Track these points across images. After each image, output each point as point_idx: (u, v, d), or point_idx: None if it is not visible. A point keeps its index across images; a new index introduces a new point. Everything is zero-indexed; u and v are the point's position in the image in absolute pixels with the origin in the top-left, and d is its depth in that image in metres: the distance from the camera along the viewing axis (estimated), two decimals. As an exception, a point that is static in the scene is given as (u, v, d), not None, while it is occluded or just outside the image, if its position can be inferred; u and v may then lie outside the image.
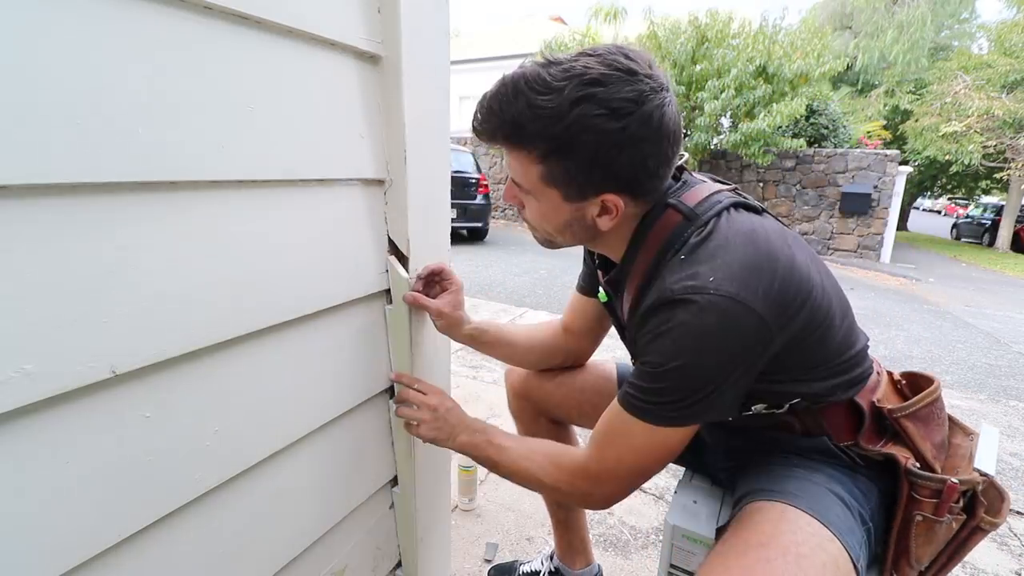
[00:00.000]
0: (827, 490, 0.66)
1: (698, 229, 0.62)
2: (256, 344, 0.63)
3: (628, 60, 0.56)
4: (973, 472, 0.66)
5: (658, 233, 0.65)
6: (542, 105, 0.55)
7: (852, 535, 0.62)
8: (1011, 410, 2.63)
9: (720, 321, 0.55)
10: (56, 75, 0.41)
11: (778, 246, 0.60)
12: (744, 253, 0.58)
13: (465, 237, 7.86)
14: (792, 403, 0.68)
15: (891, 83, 14.45)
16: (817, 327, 0.62)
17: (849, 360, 0.68)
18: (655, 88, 0.56)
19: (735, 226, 0.61)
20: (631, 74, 0.55)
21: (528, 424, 1.08)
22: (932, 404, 0.70)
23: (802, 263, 0.60)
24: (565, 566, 1.16)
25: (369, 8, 0.71)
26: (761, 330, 0.56)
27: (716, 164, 9.06)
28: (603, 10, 12.34)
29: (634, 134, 0.56)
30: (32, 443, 0.43)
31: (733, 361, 0.58)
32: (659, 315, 0.59)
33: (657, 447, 0.64)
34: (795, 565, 0.56)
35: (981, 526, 0.65)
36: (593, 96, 0.54)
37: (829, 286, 0.65)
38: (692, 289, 0.56)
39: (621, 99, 0.55)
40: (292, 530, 0.74)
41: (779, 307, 0.57)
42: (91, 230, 0.45)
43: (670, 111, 0.58)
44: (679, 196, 0.66)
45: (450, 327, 0.88)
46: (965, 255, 11.39)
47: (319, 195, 0.70)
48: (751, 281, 0.56)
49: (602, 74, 0.55)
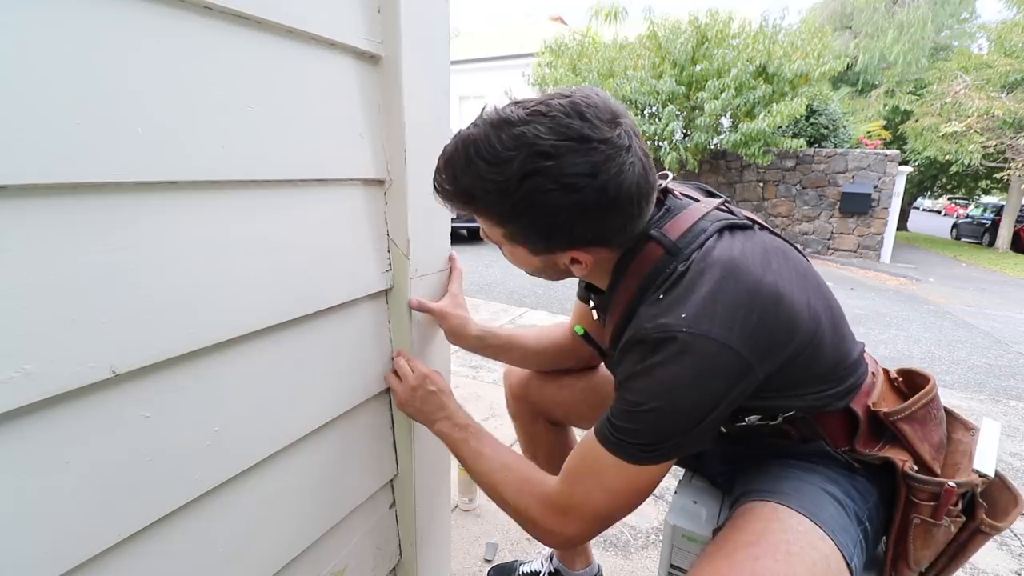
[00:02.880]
0: (821, 489, 0.66)
1: (680, 263, 0.59)
2: (256, 344, 0.63)
3: (582, 122, 0.52)
4: (972, 473, 0.65)
5: (638, 268, 0.63)
6: (491, 179, 0.54)
7: (845, 533, 0.61)
8: (1011, 410, 2.63)
9: (694, 362, 0.54)
10: (56, 75, 0.41)
11: (759, 275, 0.56)
12: (721, 288, 0.55)
13: (465, 237, 7.85)
14: (787, 415, 0.68)
15: (891, 83, 14.43)
16: (804, 350, 0.59)
17: (841, 373, 0.66)
18: (611, 155, 0.53)
19: (715, 257, 0.58)
20: (584, 142, 0.52)
21: (526, 425, 1.08)
22: (929, 404, 0.69)
23: (787, 289, 0.57)
24: (565, 567, 1.16)
25: (369, 8, 0.71)
26: (739, 367, 0.55)
27: (716, 164, 9.05)
28: (603, 10, 12.33)
29: (590, 206, 0.54)
30: (32, 443, 0.43)
31: (711, 400, 0.56)
32: (634, 354, 0.58)
33: (628, 485, 0.61)
34: (784, 563, 0.56)
35: (982, 528, 0.64)
36: (542, 170, 0.52)
37: (818, 304, 0.62)
38: (664, 328, 0.55)
39: (572, 174, 0.52)
40: (292, 530, 0.74)
41: (759, 341, 0.55)
42: (91, 230, 0.45)
43: (630, 174, 0.54)
44: (661, 227, 0.63)
45: (457, 331, 0.87)
46: (965, 255, 11.39)
47: (319, 195, 0.70)
48: (727, 317, 0.54)
49: (552, 145, 0.51)
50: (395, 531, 0.98)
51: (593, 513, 0.63)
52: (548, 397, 1.02)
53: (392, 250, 0.83)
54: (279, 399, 0.67)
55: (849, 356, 0.67)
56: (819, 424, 0.68)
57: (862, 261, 8.37)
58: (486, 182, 0.55)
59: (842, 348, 0.66)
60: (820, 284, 0.66)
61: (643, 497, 0.63)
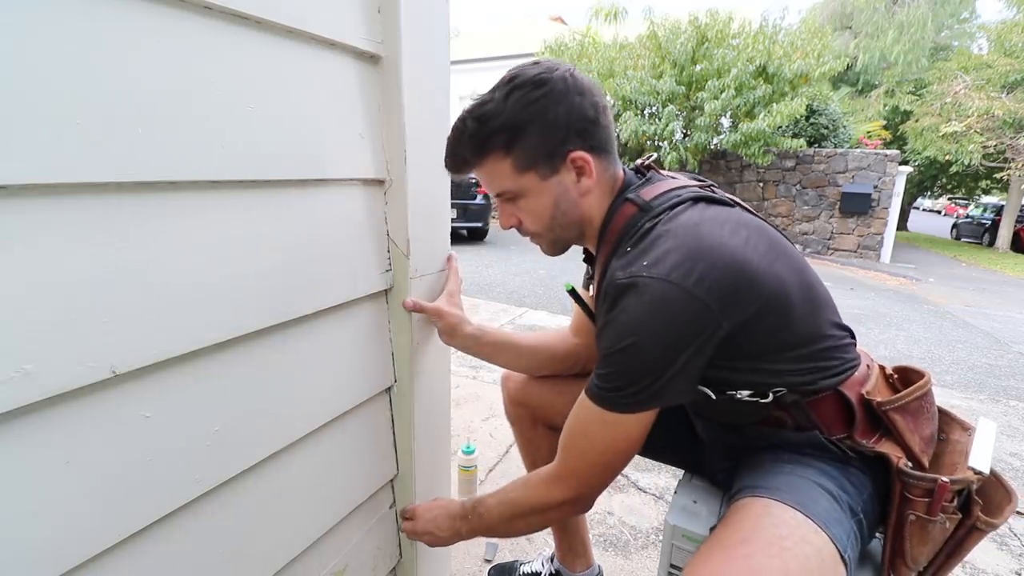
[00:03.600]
0: (813, 483, 0.66)
1: (649, 219, 0.66)
2: (256, 344, 0.63)
3: (528, 65, 0.69)
4: (968, 471, 0.66)
5: (615, 225, 0.71)
6: (485, 112, 0.67)
7: (839, 526, 0.62)
8: (1011, 410, 2.63)
9: (653, 303, 0.58)
10: (56, 75, 0.41)
11: (723, 237, 0.61)
12: (683, 241, 0.60)
13: (465, 237, 7.86)
14: (777, 393, 0.68)
15: (891, 83, 14.43)
16: (772, 310, 0.62)
17: (823, 349, 0.67)
18: (555, 65, 0.68)
19: (682, 218, 0.64)
20: (534, 64, 0.69)
21: (525, 430, 1.07)
22: (922, 398, 0.70)
23: (751, 253, 0.61)
24: (565, 568, 1.16)
25: (369, 8, 0.71)
26: (699, 312, 0.58)
27: (716, 164, 9.06)
28: (603, 10, 12.33)
29: (559, 91, 0.66)
30: (32, 443, 0.43)
31: (673, 344, 0.59)
32: (605, 303, 0.63)
33: (618, 437, 0.66)
34: (778, 558, 0.56)
35: (977, 526, 0.64)
36: (517, 84, 0.66)
37: (786, 274, 0.64)
38: (630, 275, 0.60)
39: (536, 75, 0.66)
40: (292, 530, 0.74)
41: (719, 290, 0.58)
42: (91, 230, 0.45)
43: (575, 73, 0.68)
44: (638, 191, 0.70)
45: (451, 330, 0.88)
46: (965, 255, 11.39)
47: (319, 195, 0.70)
48: (687, 266, 0.58)
49: (514, 72, 0.68)
50: (395, 531, 0.98)
51: (590, 470, 0.69)
52: (548, 402, 1.01)
53: (392, 250, 0.83)
54: (279, 399, 0.67)
55: (830, 336, 0.69)
56: (812, 410, 0.69)
57: (862, 261, 8.37)
58: (482, 117, 0.67)
59: (819, 326, 0.68)
60: (796, 261, 0.67)
61: (633, 449, 0.68)
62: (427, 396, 0.94)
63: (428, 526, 0.86)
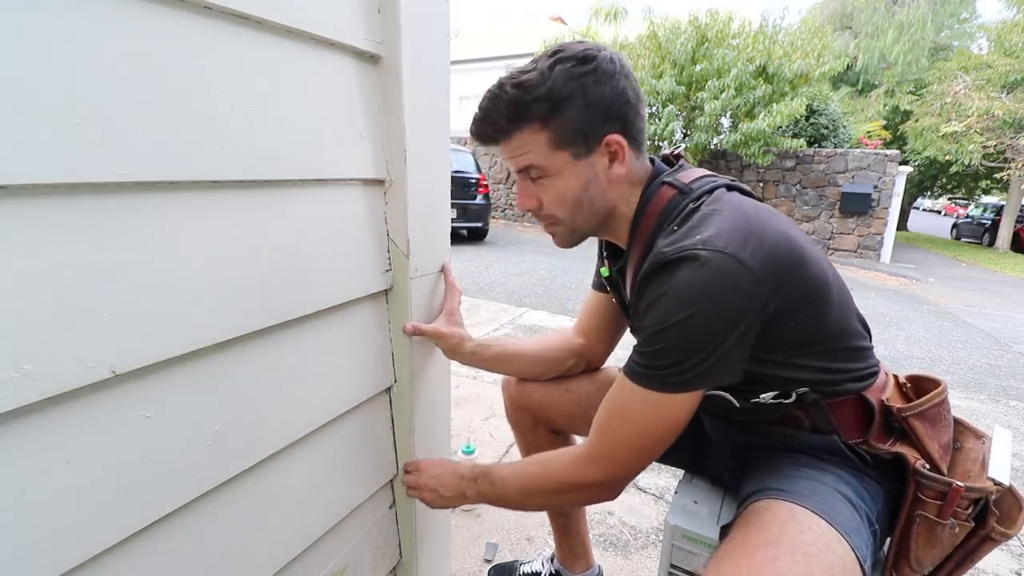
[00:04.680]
0: (835, 491, 0.66)
1: (691, 201, 0.66)
2: (256, 344, 0.63)
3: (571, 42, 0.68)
4: (987, 481, 0.65)
5: (654, 208, 0.70)
6: (527, 80, 0.65)
7: (859, 536, 0.62)
8: (1011, 410, 2.63)
9: (712, 274, 0.57)
10: (56, 75, 0.41)
11: (769, 219, 0.62)
12: (734, 218, 0.60)
13: (465, 237, 7.85)
14: (800, 393, 0.68)
15: (891, 83, 14.43)
16: (813, 298, 0.63)
17: (851, 348, 0.68)
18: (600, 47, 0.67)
19: (727, 198, 0.65)
20: (579, 42, 0.68)
21: (526, 433, 1.07)
22: (939, 405, 0.70)
23: (796, 236, 0.63)
24: (565, 569, 1.16)
25: (369, 8, 0.71)
26: (754, 285, 0.57)
27: (716, 164, 9.05)
28: (603, 10, 12.33)
29: (605, 70, 0.65)
30: (32, 443, 0.43)
31: (730, 316, 0.58)
32: (654, 280, 0.61)
33: (661, 418, 0.63)
34: (803, 564, 0.55)
35: (992, 536, 0.64)
36: (562, 58, 0.65)
37: (827, 265, 0.67)
38: (683, 249, 0.59)
39: (583, 50, 0.65)
40: (292, 530, 0.74)
41: (771, 266, 0.58)
42: (91, 230, 0.45)
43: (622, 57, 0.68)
44: (675, 175, 0.71)
45: (453, 349, 0.89)
46: (965, 255, 11.38)
47: (319, 195, 0.70)
48: (740, 240, 0.58)
49: (560, 46, 0.67)
50: (395, 531, 0.98)
51: (629, 454, 0.66)
52: (549, 403, 1.01)
53: (392, 250, 0.83)
54: (279, 399, 0.67)
55: (857, 334, 0.70)
56: (833, 412, 0.69)
57: (862, 261, 8.37)
58: (523, 84, 0.65)
59: (849, 321, 0.69)
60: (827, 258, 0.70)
61: (676, 432, 0.65)
62: (427, 396, 0.94)
63: (431, 482, 0.83)
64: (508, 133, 0.68)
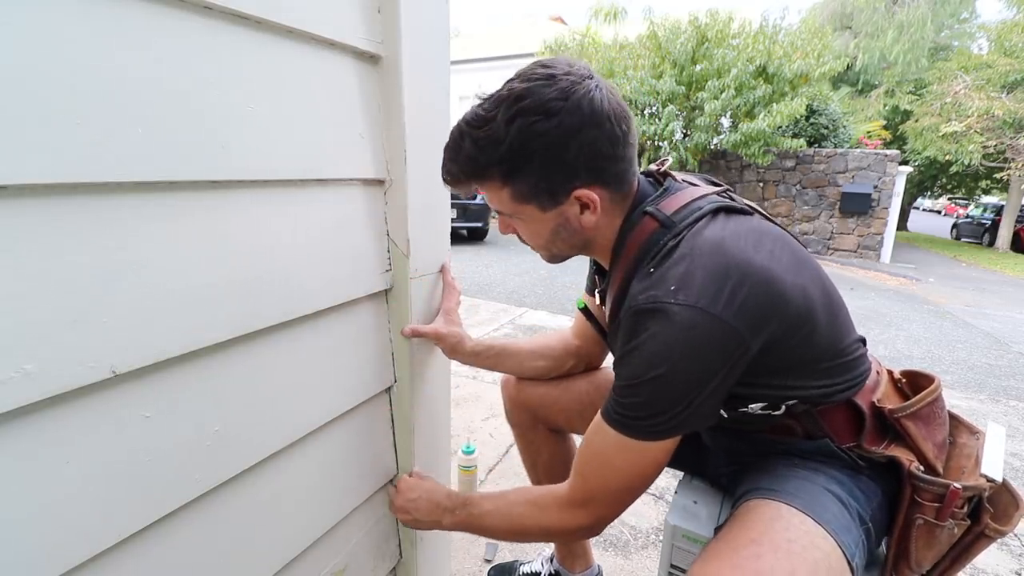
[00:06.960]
0: (824, 489, 0.66)
1: (672, 237, 0.62)
2: (256, 344, 0.63)
3: (545, 68, 0.61)
4: (980, 478, 0.65)
5: (634, 241, 0.66)
6: (483, 137, 0.61)
7: (848, 533, 0.62)
8: (1011, 410, 2.63)
9: (683, 331, 0.55)
10: (56, 75, 0.41)
11: (749, 253, 0.58)
12: (710, 261, 0.57)
13: (465, 237, 7.86)
14: (789, 404, 0.68)
15: (891, 83, 14.42)
16: (798, 331, 0.60)
17: (842, 363, 0.66)
18: (575, 81, 0.59)
19: (706, 234, 0.60)
20: (550, 79, 0.59)
21: (526, 432, 1.07)
22: (933, 403, 0.69)
23: (777, 269, 0.59)
24: (565, 569, 1.16)
25: (369, 8, 0.71)
26: (730, 336, 0.56)
27: (716, 164, 9.05)
28: (603, 10, 12.34)
29: (571, 125, 0.59)
30: (32, 443, 0.43)
31: (705, 371, 0.57)
32: (626, 326, 0.60)
33: (641, 463, 0.63)
34: (786, 560, 0.56)
35: (986, 533, 0.64)
36: (522, 110, 0.58)
37: (813, 290, 0.62)
38: (654, 299, 0.57)
39: (547, 100, 0.58)
40: (292, 530, 0.74)
41: (750, 312, 0.56)
42: (91, 230, 0.45)
43: (599, 94, 0.60)
44: (658, 204, 0.66)
45: (452, 349, 0.89)
46: (965, 255, 11.38)
47: (319, 195, 0.70)
48: (715, 290, 0.55)
49: (525, 88, 0.59)
50: (395, 531, 0.98)
51: (613, 497, 0.66)
52: (548, 402, 1.01)
53: (392, 250, 0.83)
54: (279, 399, 0.67)
55: (848, 349, 0.67)
56: (823, 419, 0.68)
57: (862, 261, 8.37)
58: (480, 142, 0.61)
59: (839, 339, 0.66)
60: (818, 273, 0.66)
61: (657, 473, 0.65)
62: (427, 396, 0.94)
63: (407, 505, 0.84)
64: (471, 184, 0.66)
